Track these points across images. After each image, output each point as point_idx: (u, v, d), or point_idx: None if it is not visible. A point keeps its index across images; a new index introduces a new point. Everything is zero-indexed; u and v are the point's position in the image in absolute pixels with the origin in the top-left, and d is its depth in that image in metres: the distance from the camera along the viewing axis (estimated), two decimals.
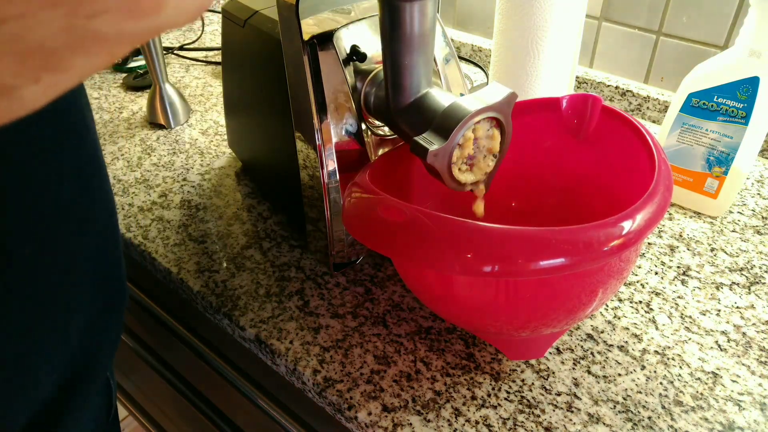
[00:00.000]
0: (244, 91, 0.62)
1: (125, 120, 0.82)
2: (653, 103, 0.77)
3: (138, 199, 0.66)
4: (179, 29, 1.09)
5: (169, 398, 0.88)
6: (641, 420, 0.42)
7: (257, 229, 0.61)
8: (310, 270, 0.56)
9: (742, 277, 0.54)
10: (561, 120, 0.51)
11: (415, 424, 0.42)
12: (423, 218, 0.36)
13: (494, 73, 0.69)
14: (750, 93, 0.55)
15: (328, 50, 0.47)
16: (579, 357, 0.47)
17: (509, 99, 0.42)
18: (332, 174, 0.49)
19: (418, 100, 0.44)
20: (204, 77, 0.93)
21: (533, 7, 0.61)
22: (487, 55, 0.91)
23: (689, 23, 0.73)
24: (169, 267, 0.57)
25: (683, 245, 0.58)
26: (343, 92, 0.48)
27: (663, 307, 0.51)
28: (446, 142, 0.40)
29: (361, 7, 0.51)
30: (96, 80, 0.93)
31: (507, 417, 0.43)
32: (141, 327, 0.81)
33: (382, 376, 0.46)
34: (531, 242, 0.34)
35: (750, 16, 0.53)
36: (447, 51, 0.54)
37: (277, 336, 0.49)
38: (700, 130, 0.59)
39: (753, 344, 0.48)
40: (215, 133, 0.78)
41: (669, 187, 0.39)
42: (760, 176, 0.68)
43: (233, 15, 0.58)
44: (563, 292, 0.39)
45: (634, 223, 0.35)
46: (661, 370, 0.46)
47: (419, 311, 0.51)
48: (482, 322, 0.42)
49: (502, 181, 0.52)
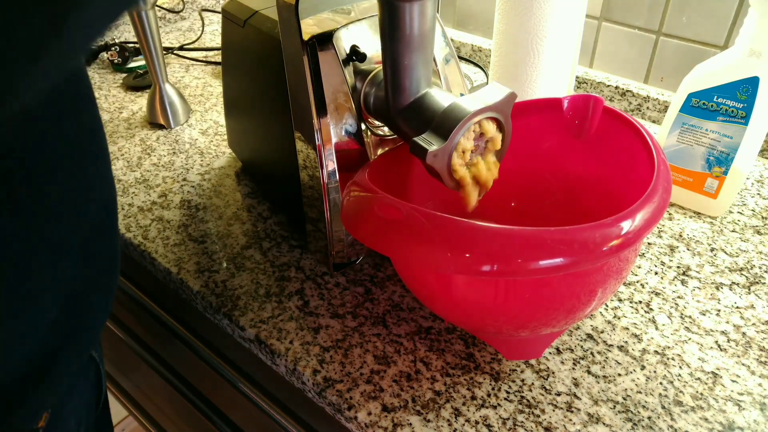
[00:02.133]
0: (244, 91, 0.62)
1: (125, 120, 0.82)
2: (653, 103, 0.77)
3: (138, 199, 0.66)
4: (179, 29, 1.09)
5: (168, 398, 0.88)
6: (641, 420, 0.42)
7: (257, 229, 0.61)
8: (310, 270, 0.56)
9: (742, 277, 0.54)
10: (562, 120, 0.51)
11: (415, 424, 0.42)
12: (419, 217, 0.36)
13: (494, 73, 0.69)
14: (750, 93, 0.55)
15: (328, 50, 0.47)
16: (579, 357, 0.47)
17: (509, 99, 0.42)
18: (332, 174, 0.49)
19: (417, 100, 0.44)
20: (204, 77, 0.94)
21: (533, 7, 0.61)
22: (487, 55, 0.91)
23: (689, 23, 0.73)
24: (169, 267, 0.57)
25: (683, 245, 0.58)
26: (342, 92, 0.48)
27: (663, 307, 0.51)
28: (446, 142, 0.40)
29: (361, 7, 0.51)
30: (96, 80, 0.93)
31: (507, 417, 0.43)
32: (141, 327, 0.81)
33: (382, 376, 0.46)
34: (530, 242, 0.34)
35: (750, 16, 0.53)
36: (447, 51, 0.54)
37: (277, 336, 0.49)
38: (700, 130, 0.59)
39: (753, 344, 0.48)
40: (215, 133, 0.78)
41: (668, 187, 0.39)
42: (760, 176, 0.68)
43: (233, 15, 0.58)
44: (562, 292, 0.39)
45: (633, 223, 0.35)
46: (661, 370, 0.46)
47: (419, 311, 0.51)
48: (481, 322, 0.42)
49: (502, 181, 0.52)
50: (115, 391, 1.09)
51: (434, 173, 0.42)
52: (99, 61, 1.00)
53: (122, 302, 0.82)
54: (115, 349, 0.94)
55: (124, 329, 0.85)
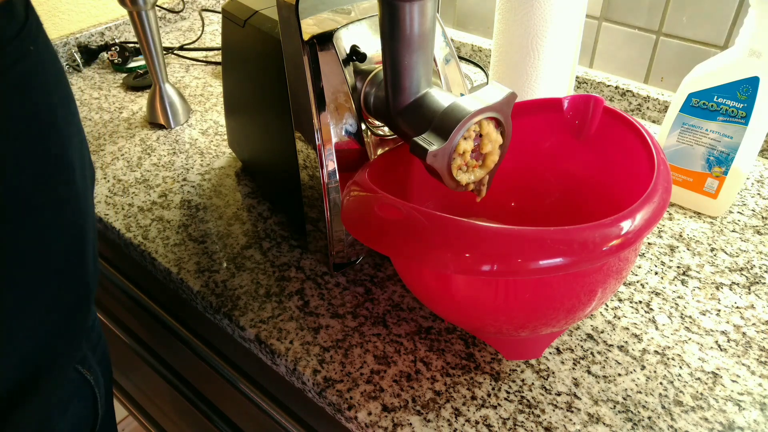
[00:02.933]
0: (244, 91, 0.62)
1: (125, 120, 0.82)
2: (653, 103, 0.77)
3: (138, 199, 0.66)
4: (179, 29, 1.09)
5: (169, 398, 0.88)
6: (641, 420, 0.42)
7: (257, 229, 0.61)
8: (310, 270, 0.56)
9: (742, 277, 0.54)
10: (562, 120, 0.51)
11: (415, 424, 0.42)
12: (419, 217, 0.36)
13: (494, 73, 0.69)
14: (750, 93, 0.55)
15: (328, 50, 0.47)
16: (579, 357, 0.47)
17: (509, 99, 0.42)
18: (332, 174, 0.49)
19: (417, 100, 0.44)
20: (204, 77, 0.94)
21: (533, 7, 0.61)
22: (487, 55, 0.91)
23: (689, 23, 0.73)
24: (169, 267, 0.57)
25: (683, 245, 0.58)
26: (342, 92, 0.48)
27: (663, 307, 0.51)
28: (446, 142, 0.40)
29: (361, 7, 0.51)
30: (96, 80, 0.93)
31: (507, 417, 0.43)
32: (141, 327, 0.81)
33: (382, 376, 0.46)
34: (530, 242, 0.34)
35: (750, 16, 0.53)
36: (447, 51, 0.54)
37: (277, 336, 0.49)
38: (700, 130, 0.59)
39: (753, 344, 0.48)
40: (215, 133, 0.78)
41: (668, 187, 0.39)
42: (760, 176, 0.68)
43: (233, 15, 0.58)
44: (562, 292, 0.39)
45: (633, 223, 0.35)
46: (661, 370, 0.46)
47: (419, 311, 0.51)
48: (480, 322, 0.42)
49: (502, 180, 0.52)
50: (115, 391, 1.09)
51: (434, 173, 0.42)
52: (99, 61, 1.00)
53: (122, 302, 0.82)
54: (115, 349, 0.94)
55: (124, 329, 0.85)
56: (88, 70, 0.97)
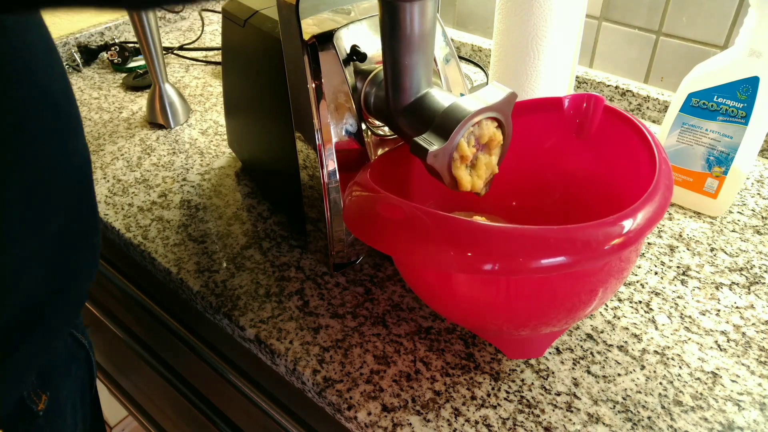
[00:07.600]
0: (244, 91, 0.62)
1: (125, 120, 0.82)
2: (653, 102, 0.77)
3: (138, 199, 0.66)
4: (179, 29, 1.09)
5: (168, 398, 0.88)
6: (641, 420, 0.42)
7: (257, 229, 0.61)
8: (310, 270, 0.56)
9: (741, 277, 0.54)
10: (563, 120, 0.51)
11: (415, 424, 0.42)
12: (422, 216, 0.36)
13: (494, 73, 0.69)
14: (750, 93, 0.55)
15: (328, 50, 0.47)
16: (579, 357, 0.47)
17: (509, 99, 0.42)
18: (332, 174, 0.49)
19: (418, 100, 0.44)
20: (204, 77, 0.93)
21: (533, 7, 0.61)
22: (487, 55, 0.91)
23: (689, 23, 0.73)
24: (169, 267, 0.57)
25: (683, 245, 0.58)
26: (343, 92, 0.48)
27: (663, 307, 0.51)
28: (446, 142, 0.40)
29: (361, 7, 0.51)
30: (96, 80, 0.93)
31: (507, 417, 0.43)
32: (141, 327, 0.81)
33: (382, 376, 0.46)
34: (531, 241, 0.34)
35: (750, 16, 0.53)
36: (447, 51, 0.54)
37: (277, 336, 0.49)
38: (700, 130, 0.59)
39: (753, 344, 0.48)
40: (215, 133, 0.78)
41: (669, 186, 0.39)
42: (760, 176, 0.68)
43: (233, 15, 0.58)
44: (563, 291, 0.39)
45: (635, 222, 0.35)
46: (660, 370, 0.46)
47: (419, 311, 0.51)
48: (482, 321, 0.42)
49: (503, 180, 0.52)
50: (115, 391, 1.09)
51: (435, 173, 0.42)
52: (99, 61, 1.00)
53: (122, 302, 0.82)
54: (115, 349, 0.94)
55: (124, 329, 0.85)
56: (87, 70, 0.97)
